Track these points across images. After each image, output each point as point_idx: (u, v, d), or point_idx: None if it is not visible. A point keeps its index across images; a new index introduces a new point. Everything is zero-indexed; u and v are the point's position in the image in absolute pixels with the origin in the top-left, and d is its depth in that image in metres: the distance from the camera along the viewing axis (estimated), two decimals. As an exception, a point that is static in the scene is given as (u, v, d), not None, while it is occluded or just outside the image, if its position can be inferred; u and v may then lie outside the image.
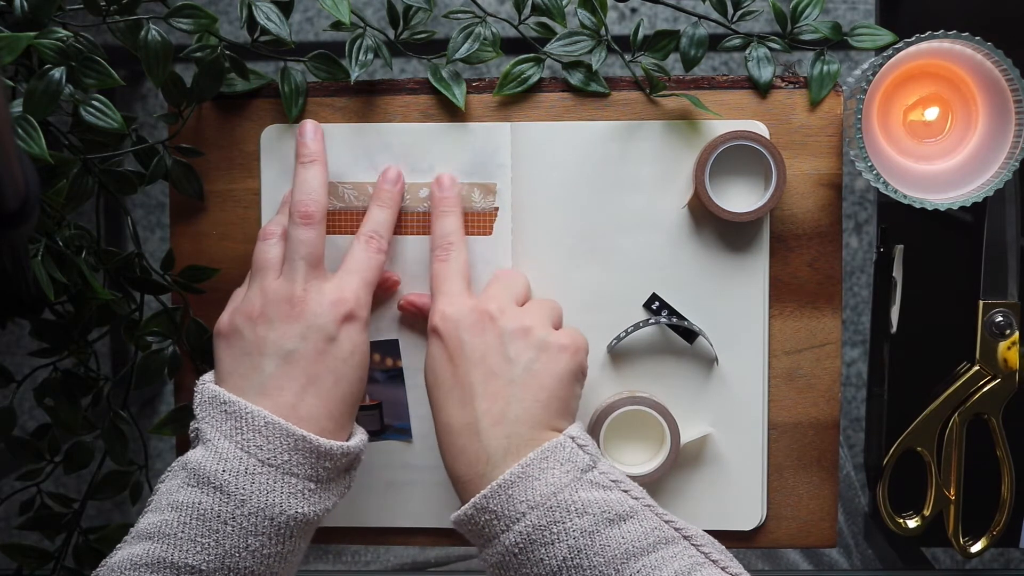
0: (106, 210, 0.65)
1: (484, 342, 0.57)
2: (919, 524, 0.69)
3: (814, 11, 0.66)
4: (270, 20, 0.63)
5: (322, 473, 0.55)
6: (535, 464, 0.53)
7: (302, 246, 0.58)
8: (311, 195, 0.60)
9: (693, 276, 0.66)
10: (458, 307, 0.59)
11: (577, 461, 0.53)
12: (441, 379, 0.57)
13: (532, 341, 0.57)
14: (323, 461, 0.55)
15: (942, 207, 0.62)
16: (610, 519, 0.51)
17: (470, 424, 0.55)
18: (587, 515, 0.51)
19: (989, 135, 0.63)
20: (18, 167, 0.44)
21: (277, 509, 0.53)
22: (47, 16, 0.58)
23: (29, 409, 0.72)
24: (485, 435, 0.55)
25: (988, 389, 0.68)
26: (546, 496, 0.51)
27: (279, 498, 0.53)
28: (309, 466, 0.54)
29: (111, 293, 0.63)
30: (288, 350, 0.56)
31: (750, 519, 0.67)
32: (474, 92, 0.67)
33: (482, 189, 0.66)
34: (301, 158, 0.62)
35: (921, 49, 0.62)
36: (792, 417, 0.67)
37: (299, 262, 0.58)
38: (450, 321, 0.58)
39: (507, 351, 0.56)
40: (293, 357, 0.56)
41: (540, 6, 0.65)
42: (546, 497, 0.51)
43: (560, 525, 0.51)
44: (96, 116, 0.60)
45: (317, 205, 0.60)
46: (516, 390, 0.55)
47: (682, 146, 0.66)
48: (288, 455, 0.53)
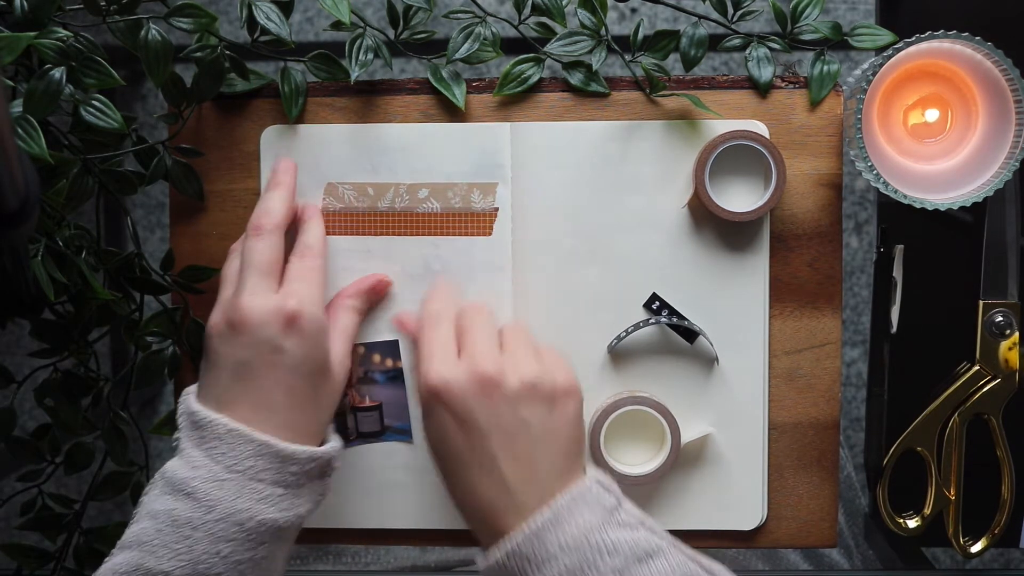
0: (106, 210, 0.65)
1: (494, 410, 0.55)
2: (919, 524, 0.69)
3: (814, 11, 0.66)
4: (270, 20, 0.63)
5: (289, 478, 0.55)
6: (564, 508, 0.53)
7: (250, 254, 0.59)
8: (265, 210, 0.61)
9: (693, 276, 0.66)
10: (456, 373, 0.56)
11: (604, 502, 0.54)
12: (455, 450, 0.56)
13: (540, 395, 0.56)
14: (289, 466, 0.55)
15: (942, 207, 0.62)
16: (639, 557, 0.52)
17: (499, 487, 0.54)
18: (618, 555, 0.51)
19: (989, 135, 0.63)
20: (18, 167, 0.44)
21: (245, 515, 0.53)
22: (47, 16, 0.58)
23: (29, 409, 0.72)
24: (518, 493, 0.54)
25: (988, 389, 0.68)
26: (577, 538, 0.52)
27: (246, 503, 0.53)
28: (275, 471, 0.54)
29: (111, 293, 0.63)
30: (238, 362, 0.56)
31: (750, 519, 0.67)
32: (474, 92, 0.67)
33: (482, 189, 0.66)
34: (268, 184, 0.64)
35: (921, 49, 0.62)
36: (792, 417, 0.67)
37: (248, 272, 0.58)
38: (453, 389, 0.56)
39: (519, 413, 0.55)
40: (243, 370, 0.56)
41: (540, 6, 0.65)
42: (577, 539, 0.52)
43: (593, 566, 0.51)
44: (96, 116, 0.60)
45: (269, 217, 0.60)
46: (540, 448, 0.55)
47: (682, 146, 0.66)
48: (252, 461, 0.54)
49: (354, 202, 0.67)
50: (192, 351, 0.67)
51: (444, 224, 0.67)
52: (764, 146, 0.62)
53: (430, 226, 0.66)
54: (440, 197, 0.66)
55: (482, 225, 0.67)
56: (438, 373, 0.56)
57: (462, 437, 0.55)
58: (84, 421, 0.67)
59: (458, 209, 0.66)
